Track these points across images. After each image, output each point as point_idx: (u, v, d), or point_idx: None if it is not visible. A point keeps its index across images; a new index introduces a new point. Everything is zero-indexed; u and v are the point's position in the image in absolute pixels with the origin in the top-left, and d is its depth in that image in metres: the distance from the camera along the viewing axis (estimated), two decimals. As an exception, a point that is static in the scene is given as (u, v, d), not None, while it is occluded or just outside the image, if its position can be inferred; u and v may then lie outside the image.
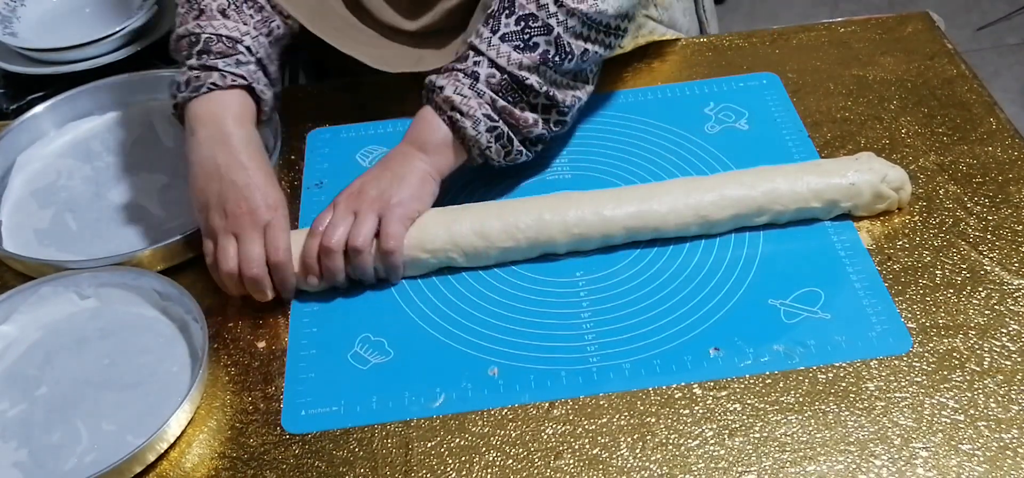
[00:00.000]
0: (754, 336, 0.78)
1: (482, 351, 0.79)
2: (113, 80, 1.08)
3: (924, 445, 0.70)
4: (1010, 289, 0.80)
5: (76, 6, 1.28)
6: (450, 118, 0.85)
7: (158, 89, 1.08)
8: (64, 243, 0.93)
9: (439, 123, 0.86)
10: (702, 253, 0.86)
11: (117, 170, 1.00)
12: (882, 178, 0.85)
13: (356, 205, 0.83)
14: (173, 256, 0.88)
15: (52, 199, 0.98)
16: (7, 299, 0.84)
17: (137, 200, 0.96)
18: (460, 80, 0.85)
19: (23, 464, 0.74)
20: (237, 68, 0.87)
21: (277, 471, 0.72)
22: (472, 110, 0.84)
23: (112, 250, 0.89)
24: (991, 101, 0.99)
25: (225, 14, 0.89)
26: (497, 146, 0.86)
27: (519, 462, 0.71)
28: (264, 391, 0.78)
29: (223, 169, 0.83)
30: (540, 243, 0.85)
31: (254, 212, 0.81)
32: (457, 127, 0.85)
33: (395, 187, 0.84)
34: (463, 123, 0.85)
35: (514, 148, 0.88)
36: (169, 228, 0.92)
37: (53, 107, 1.05)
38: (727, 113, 1.00)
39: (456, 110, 0.85)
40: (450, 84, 0.85)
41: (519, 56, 0.85)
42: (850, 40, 1.08)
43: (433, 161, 0.86)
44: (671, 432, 0.72)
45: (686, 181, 0.88)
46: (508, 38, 0.85)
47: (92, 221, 0.95)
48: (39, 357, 0.82)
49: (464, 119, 0.85)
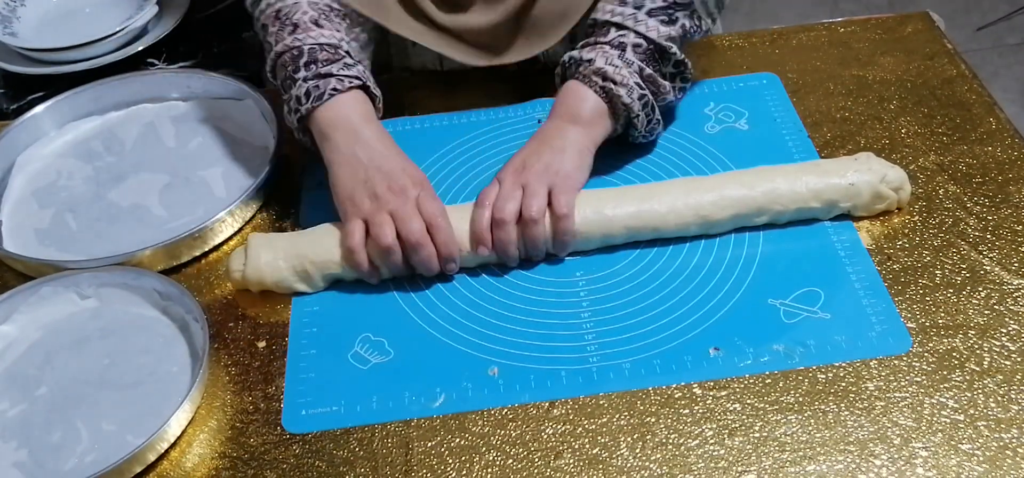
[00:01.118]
0: (754, 336, 0.78)
1: (482, 351, 0.79)
2: (114, 80, 1.08)
3: (924, 445, 0.70)
4: (1010, 289, 0.80)
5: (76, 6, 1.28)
6: (603, 88, 0.89)
7: (159, 89, 1.08)
8: (64, 243, 0.93)
9: (590, 94, 0.89)
10: (702, 253, 0.86)
11: (118, 170, 1.00)
12: (881, 178, 0.85)
13: (523, 179, 0.85)
14: (174, 256, 0.88)
15: (52, 199, 0.98)
16: (7, 299, 0.84)
17: (138, 200, 0.96)
18: (607, 52, 0.89)
19: (23, 464, 0.74)
20: (349, 71, 0.89)
21: (277, 471, 0.72)
22: (625, 79, 0.88)
23: (112, 250, 0.89)
24: (991, 101, 0.99)
25: (318, 25, 0.91)
26: (643, 114, 0.90)
27: (519, 462, 0.71)
28: (264, 391, 0.78)
29: (366, 161, 0.85)
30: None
31: (404, 190, 0.83)
32: (611, 96, 0.89)
33: (559, 159, 0.86)
34: (618, 91, 0.88)
35: (654, 117, 0.92)
36: (171, 228, 0.92)
37: (53, 107, 1.05)
38: (727, 113, 1.00)
39: (609, 80, 0.88)
40: (600, 56, 0.89)
41: (666, 29, 0.90)
42: (850, 40, 1.08)
43: (587, 132, 0.89)
44: (671, 432, 0.72)
45: (686, 181, 0.88)
46: (655, 13, 0.91)
47: (92, 221, 0.95)
48: (39, 357, 0.82)
49: (618, 88, 0.88)
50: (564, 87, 0.92)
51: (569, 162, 0.86)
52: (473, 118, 1.03)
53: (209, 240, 0.90)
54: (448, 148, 0.99)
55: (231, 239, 0.92)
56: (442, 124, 1.03)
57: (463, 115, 1.03)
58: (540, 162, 0.86)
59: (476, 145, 0.99)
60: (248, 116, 1.04)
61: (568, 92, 0.91)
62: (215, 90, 1.07)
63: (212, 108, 1.06)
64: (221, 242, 0.91)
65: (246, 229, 0.93)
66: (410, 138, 1.01)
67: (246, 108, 1.04)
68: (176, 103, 1.08)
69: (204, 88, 1.07)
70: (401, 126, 1.03)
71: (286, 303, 0.85)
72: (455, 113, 1.04)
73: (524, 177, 0.85)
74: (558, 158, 0.86)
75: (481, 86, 1.07)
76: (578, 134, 0.88)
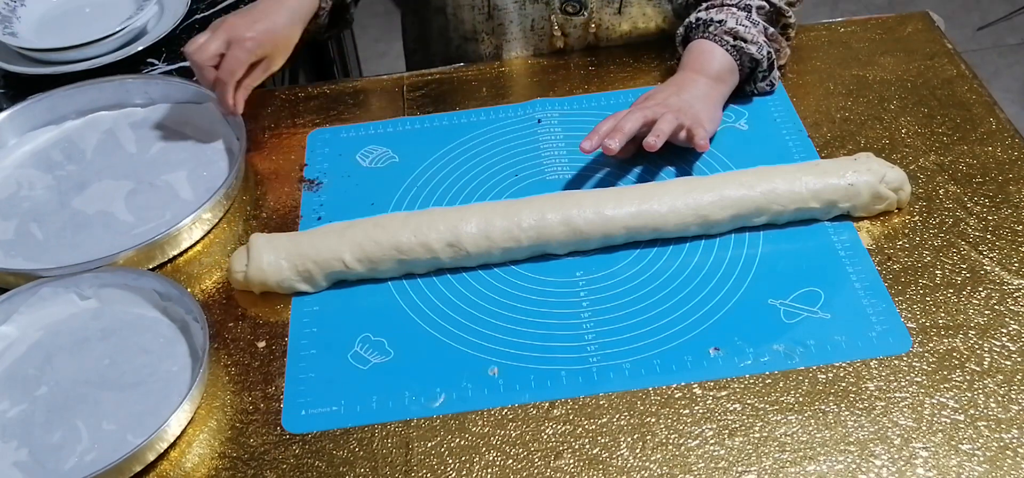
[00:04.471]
0: (754, 336, 0.78)
1: (482, 351, 0.79)
2: (69, 88, 1.07)
3: (924, 445, 0.70)
4: (1010, 289, 0.80)
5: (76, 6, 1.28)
6: (735, 46, 0.97)
7: (117, 96, 1.07)
8: (31, 253, 0.91)
9: (720, 52, 0.97)
10: (702, 253, 0.86)
11: (79, 178, 0.99)
12: (880, 179, 0.85)
13: (661, 110, 0.90)
14: (148, 259, 0.88)
15: (14, 210, 0.96)
16: (7, 299, 0.84)
17: (103, 206, 0.95)
18: (736, 13, 0.98)
19: (24, 464, 0.74)
20: None
21: (277, 471, 0.72)
22: (754, 37, 0.97)
23: (83, 257, 0.88)
24: (991, 101, 0.99)
25: None
26: (767, 70, 0.99)
27: (519, 462, 0.71)
28: (264, 391, 0.78)
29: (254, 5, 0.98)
30: (542, 241, 0.85)
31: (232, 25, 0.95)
32: (743, 53, 0.97)
33: (697, 103, 0.93)
34: (749, 49, 0.97)
35: (772, 75, 1.00)
36: (139, 232, 0.91)
37: (9, 118, 1.04)
38: (727, 113, 1.00)
39: (740, 39, 0.97)
40: (730, 17, 0.97)
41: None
42: (850, 40, 1.08)
43: (717, 87, 0.97)
44: (671, 432, 0.72)
45: (686, 181, 0.88)
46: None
47: (58, 230, 0.93)
48: (39, 357, 0.82)
49: (749, 45, 0.97)
50: (693, 45, 0.98)
51: (705, 109, 0.93)
52: (473, 118, 1.03)
53: (182, 241, 0.90)
54: (448, 148, 0.99)
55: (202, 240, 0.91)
56: (442, 124, 1.03)
57: (463, 115, 1.03)
58: (678, 101, 0.92)
59: (476, 145, 0.99)
60: (208, 119, 1.03)
61: (696, 50, 0.98)
62: (174, 95, 1.06)
63: (172, 113, 1.06)
64: (196, 241, 0.91)
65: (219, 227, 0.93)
66: (410, 138, 1.01)
67: (205, 111, 1.04)
68: (135, 109, 1.07)
69: (163, 93, 1.07)
70: (401, 126, 1.03)
71: (286, 303, 0.85)
72: (455, 113, 1.04)
73: (662, 109, 0.90)
74: (698, 103, 0.93)
75: (481, 86, 1.07)
76: (709, 86, 0.96)
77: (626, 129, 0.88)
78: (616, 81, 1.06)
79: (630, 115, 0.89)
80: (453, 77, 1.09)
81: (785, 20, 1.01)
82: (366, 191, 0.95)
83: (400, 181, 0.96)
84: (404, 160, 0.98)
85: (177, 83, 1.06)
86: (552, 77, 1.08)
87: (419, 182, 0.96)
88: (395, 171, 0.97)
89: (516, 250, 0.85)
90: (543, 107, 1.03)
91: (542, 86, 1.06)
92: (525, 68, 1.10)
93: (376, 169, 0.97)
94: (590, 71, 1.08)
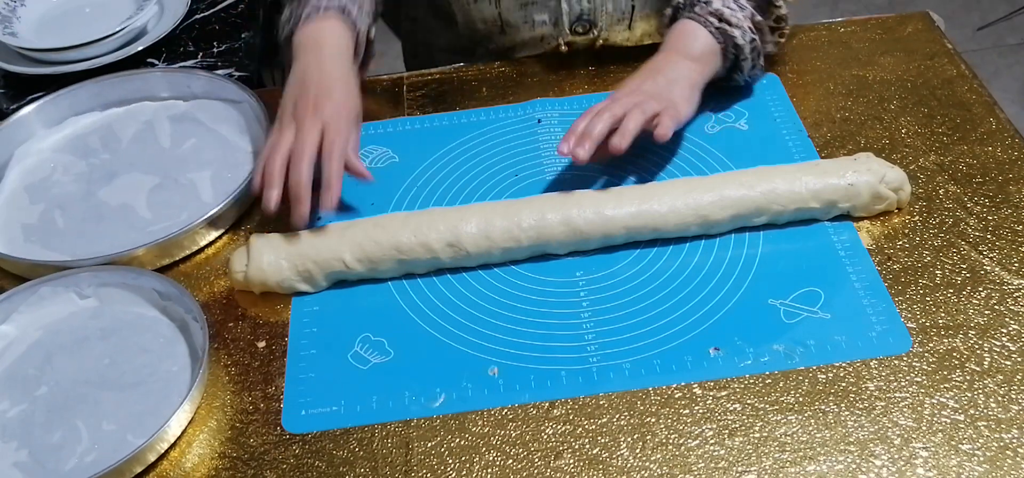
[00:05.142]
0: (754, 336, 0.78)
1: (482, 351, 0.79)
2: (115, 77, 1.08)
3: (924, 445, 0.70)
4: (1010, 289, 0.80)
5: (76, 6, 1.28)
6: (719, 28, 0.93)
7: (159, 88, 1.08)
8: (50, 240, 0.92)
9: (703, 33, 0.94)
10: (702, 253, 0.86)
11: (111, 168, 1.00)
12: (880, 179, 0.85)
13: (631, 103, 0.88)
14: (155, 259, 0.88)
15: (44, 195, 0.97)
16: (7, 299, 0.84)
17: (127, 200, 0.96)
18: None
19: (23, 464, 0.74)
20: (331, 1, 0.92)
21: (277, 471, 0.72)
22: (739, 22, 0.94)
23: (95, 251, 0.89)
24: (991, 101, 0.99)
25: None
26: (751, 57, 0.96)
27: (519, 462, 0.71)
28: (264, 391, 0.78)
29: (308, 75, 0.88)
30: (542, 241, 0.85)
31: (317, 107, 0.85)
32: (727, 36, 0.93)
33: (670, 89, 0.91)
34: (733, 32, 0.93)
35: (758, 64, 0.97)
36: (153, 230, 0.92)
37: (53, 101, 1.05)
38: (727, 113, 1.00)
39: (725, 22, 0.93)
40: None
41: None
42: (850, 40, 1.08)
43: (698, 68, 0.93)
44: (671, 432, 0.72)
45: (686, 181, 0.88)
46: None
47: (78, 220, 0.94)
48: (39, 357, 0.81)
49: (733, 29, 0.93)
50: (677, 25, 0.96)
51: (679, 93, 0.91)
52: (473, 118, 1.03)
53: (192, 244, 0.90)
54: (448, 148, 0.99)
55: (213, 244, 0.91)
56: (442, 124, 1.03)
57: (463, 115, 1.03)
58: (653, 87, 0.90)
59: (476, 145, 0.99)
60: (244, 120, 1.04)
61: (680, 30, 0.95)
62: (215, 91, 1.07)
63: (210, 110, 1.06)
64: (207, 244, 0.91)
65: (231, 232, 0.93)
66: (410, 138, 1.01)
67: (243, 111, 1.04)
68: (176, 102, 1.08)
69: (204, 89, 1.07)
70: (401, 126, 1.03)
71: (286, 303, 0.85)
72: (455, 113, 1.04)
73: (636, 97, 0.88)
74: (671, 88, 0.91)
75: (481, 86, 1.07)
76: (688, 69, 0.93)
77: (595, 134, 0.86)
78: (617, 81, 1.05)
79: (600, 116, 0.87)
80: (453, 77, 1.09)
81: (777, 11, 0.99)
82: (366, 191, 0.94)
83: (400, 181, 0.96)
84: (404, 160, 0.98)
85: (218, 81, 1.07)
86: (552, 77, 1.08)
87: (419, 182, 0.96)
88: (395, 171, 0.97)
89: (516, 250, 0.85)
90: (543, 107, 1.03)
91: (542, 86, 1.06)
92: (525, 68, 1.10)
93: (376, 169, 0.97)
94: (591, 71, 1.08)
